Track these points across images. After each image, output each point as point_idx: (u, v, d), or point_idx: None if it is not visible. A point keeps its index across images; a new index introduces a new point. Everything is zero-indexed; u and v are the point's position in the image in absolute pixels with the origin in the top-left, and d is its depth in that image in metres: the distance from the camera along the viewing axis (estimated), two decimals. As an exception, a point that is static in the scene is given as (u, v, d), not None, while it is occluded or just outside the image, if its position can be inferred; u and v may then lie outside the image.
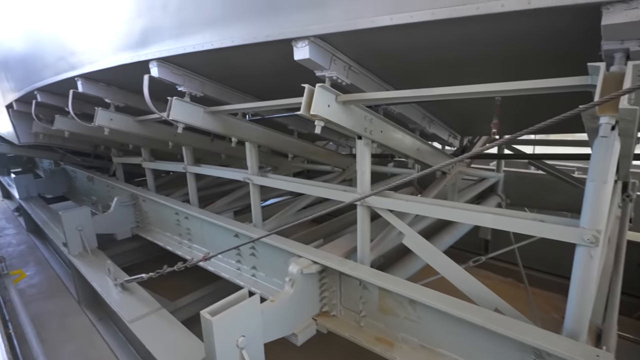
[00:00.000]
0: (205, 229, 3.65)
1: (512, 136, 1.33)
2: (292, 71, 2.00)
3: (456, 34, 1.59)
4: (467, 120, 3.18)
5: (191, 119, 2.68)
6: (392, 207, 2.21)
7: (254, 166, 3.16)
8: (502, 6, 1.31)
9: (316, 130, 1.94)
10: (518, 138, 3.53)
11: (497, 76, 2.03)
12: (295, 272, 2.32)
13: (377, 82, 2.24)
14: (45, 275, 5.47)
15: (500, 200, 4.33)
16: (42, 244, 6.66)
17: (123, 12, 2.51)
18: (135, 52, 2.53)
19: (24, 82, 4.47)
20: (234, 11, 1.95)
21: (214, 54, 2.15)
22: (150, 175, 4.91)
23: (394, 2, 1.50)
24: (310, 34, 1.72)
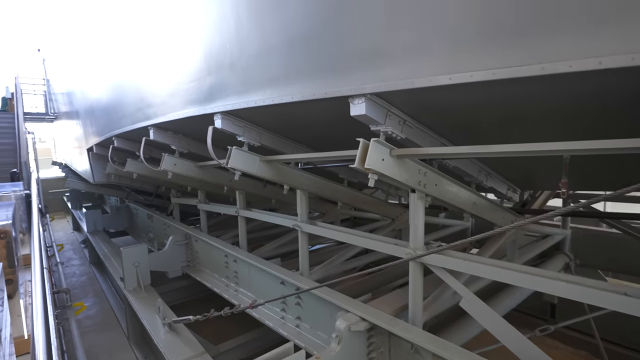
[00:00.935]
0: (253, 274, 3.67)
1: (588, 201, 1.22)
2: (346, 123, 2.05)
3: (518, 91, 1.56)
4: (528, 174, 3.01)
5: (248, 167, 2.81)
6: (449, 265, 2.09)
7: (304, 213, 3.19)
8: (570, 67, 1.26)
9: (370, 184, 1.93)
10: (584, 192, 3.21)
11: (561, 132, 1.93)
12: (343, 328, 2.22)
13: (432, 135, 2.22)
14: (101, 308, 5.75)
15: (569, 260, 3.92)
16: (101, 276, 7.10)
17: (194, 71, 2.79)
18: (202, 106, 2.77)
19: (105, 129, 5.04)
20: (295, 71, 2.09)
21: (274, 108, 2.29)
22: (204, 217, 5.15)
23: (453, 62, 1.51)
24: (367, 92, 1.78)
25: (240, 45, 2.32)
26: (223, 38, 2.43)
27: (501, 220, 2.99)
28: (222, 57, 2.47)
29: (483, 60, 1.45)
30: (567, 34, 1.26)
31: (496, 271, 1.92)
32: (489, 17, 1.40)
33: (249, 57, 2.30)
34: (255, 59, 2.27)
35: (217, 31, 2.49)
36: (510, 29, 1.36)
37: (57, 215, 13.39)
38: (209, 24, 2.55)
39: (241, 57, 2.34)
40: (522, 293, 3.18)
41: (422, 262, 2.20)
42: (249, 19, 2.23)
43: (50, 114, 12.29)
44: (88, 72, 5.71)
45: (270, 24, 2.12)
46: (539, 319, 4.76)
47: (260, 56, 2.24)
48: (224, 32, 2.41)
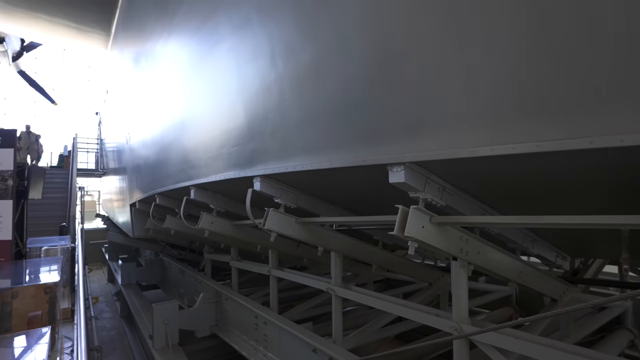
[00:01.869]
0: (283, 338, 3.53)
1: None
2: (383, 188, 2.06)
3: (566, 163, 1.52)
4: (579, 241, 2.83)
5: (284, 229, 2.84)
6: (499, 344, 1.92)
7: (338, 277, 3.12)
8: (622, 141, 1.24)
9: (410, 252, 1.89)
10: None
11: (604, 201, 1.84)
12: (382, 409, 2.04)
13: (473, 202, 2.17)
14: (127, 367, 5.65)
15: (633, 337, 3.50)
16: (130, 331, 7.06)
17: (238, 137, 2.97)
18: (243, 170, 2.90)
19: (149, 186, 5.34)
20: (334, 140, 2.17)
21: (312, 173, 2.35)
22: (236, 274, 5.13)
23: (494, 134, 1.52)
24: (406, 160, 1.80)
25: (282, 115, 2.47)
26: (266, 108, 2.60)
27: (551, 290, 2.77)
28: (264, 125, 2.63)
29: (526, 133, 1.45)
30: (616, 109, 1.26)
31: (550, 352, 1.74)
32: (532, 90, 1.42)
33: (289, 126, 2.44)
34: (295, 128, 2.40)
35: (260, 101, 2.68)
36: (555, 103, 1.37)
37: (94, 266, 13.81)
38: (253, 94, 2.76)
39: (282, 126, 2.48)
40: (582, 376, 2.83)
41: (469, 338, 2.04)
42: (291, 91, 2.39)
43: (100, 169, 13.25)
44: (138, 132, 6.21)
45: (311, 97, 2.26)
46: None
47: (300, 125, 2.37)
48: (267, 102, 2.59)
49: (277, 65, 2.46)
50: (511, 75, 1.47)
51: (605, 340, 3.43)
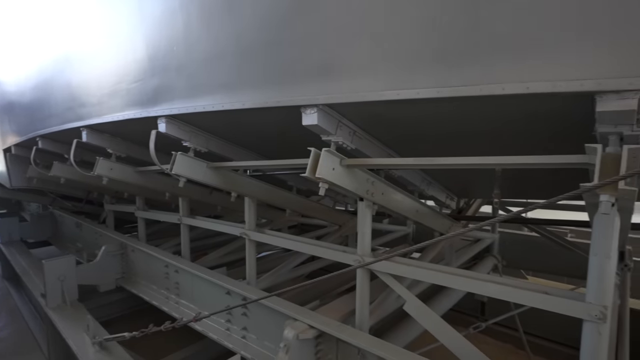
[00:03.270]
0: (196, 284, 3.51)
1: (521, 210, 1.36)
2: (297, 132, 2.07)
3: (459, 109, 1.69)
4: (465, 184, 3.26)
5: (194, 174, 2.70)
6: (394, 271, 2.18)
7: (252, 221, 3.14)
8: (503, 89, 1.41)
9: (320, 192, 1.96)
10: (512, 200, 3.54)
11: (497, 148, 2.13)
12: (291, 337, 2.21)
13: (380, 147, 2.32)
14: (16, 329, 5.11)
15: (497, 262, 4.30)
16: (17, 292, 6.31)
17: (137, 72, 2.63)
18: (145, 109, 2.61)
19: (27, 128, 4.52)
20: (247, 78, 2.06)
21: (223, 114, 2.23)
22: (142, 225, 4.82)
23: (402, 79, 1.61)
24: (319, 102, 1.81)
25: (189, 49, 2.24)
26: (171, 39, 2.32)
27: (440, 226, 3.19)
28: (169, 59, 2.37)
29: (429, 79, 1.56)
30: (503, 60, 1.41)
31: (435, 275, 2.05)
32: (435, 40, 1.51)
33: (198, 61, 2.23)
34: (205, 63, 2.21)
35: (164, 31, 2.37)
36: (455, 52, 1.48)
37: (-39, 224, 11.63)
38: (155, 22, 2.43)
39: (190, 61, 2.26)
40: (458, 294, 3.42)
41: (369, 268, 2.27)
42: (200, 22, 2.16)
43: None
44: (7, 64, 5.09)
45: (222, 30, 2.08)
46: (471, 316, 5.13)
47: (210, 61, 2.18)
48: (172, 33, 2.31)
49: (182, -12, 2.17)
50: (418, 25, 1.53)
51: (477, 265, 4.17)
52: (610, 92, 1.25)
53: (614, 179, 1.20)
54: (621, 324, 2.50)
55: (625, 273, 2.86)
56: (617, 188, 1.27)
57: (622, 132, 1.34)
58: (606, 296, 1.49)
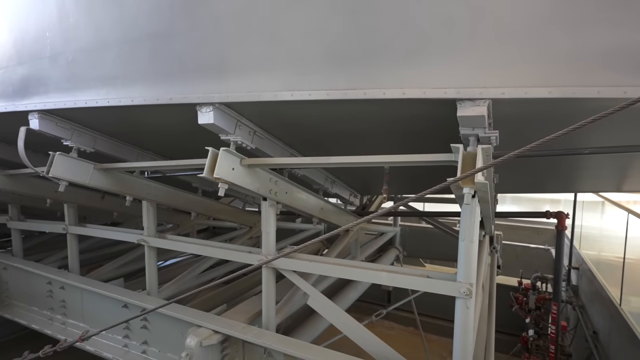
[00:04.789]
0: (86, 301, 3.14)
1: (402, 202, 1.51)
2: (196, 132, 1.99)
3: (350, 111, 1.80)
4: (366, 182, 3.48)
5: (78, 177, 2.41)
6: (297, 268, 2.23)
7: (151, 227, 2.92)
8: (384, 94, 1.55)
9: (219, 193, 1.92)
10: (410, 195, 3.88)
11: (389, 146, 2.32)
12: (194, 345, 2.12)
13: (282, 146, 2.35)
14: None
15: (398, 252, 4.70)
16: None
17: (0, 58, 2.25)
18: (12, 102, 2.25)
19: None
20: (136, 71, 1.91)
21: (110, 110, 2.04)
22: (18, 237, 4.13)
23: (296, 81, 1.66)
24: (215, 100, 1.77)
25: (65, 36, 1.99)
26: (41, 24, 2.04)
27: (345, 223, 3.36)
28: (41, 46, 2.07)
29: (321, 82, 1.63)
30: (384, 68, 1.54)
31: (336, 269, 2.15)
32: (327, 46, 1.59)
33: (77, 50, 1.99)
34: (86, 53, 1.99)
35: (32, 14, 2.07)
36: (343, 58, 1.58)
37: None
38: (20, 2, 2.11)
39: (67, 49, 2.01)
40: (364, 285, 3.65)
41: (273, 267, 2.29)
42: (77, 6, 1.94)
43: None
44: None
45: (105, 17, 1.89)
46: (379, 305, 5.52)
47: (92, 51, 1.97)
48: (42, 16, 2.03)
49: (54, -34, 1.92)
50: (309, 29, 1.60)
51: (381, 257, 4.49)
52: (467, 100, 1.46)
53: (470, 173, 1.40)
54: (491, 298, 2.94)
55: (494, 255, 3.37)
56: (474, 181, 1.49)
57: (478, 134, 1.57)
58: (471, 275, 1.74)
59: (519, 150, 1.27)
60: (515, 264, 6.41)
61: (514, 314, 5.32)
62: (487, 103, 1.45)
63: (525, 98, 1.41)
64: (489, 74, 1.44)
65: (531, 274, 5.61)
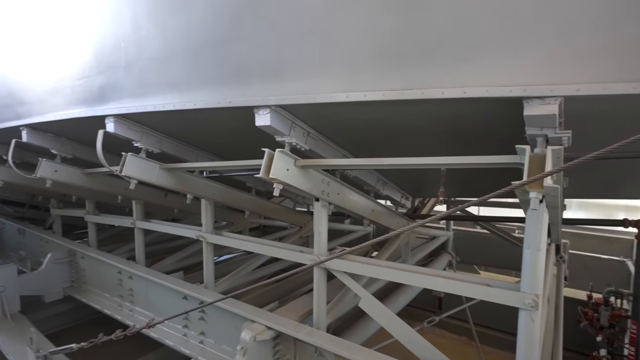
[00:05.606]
0: (151, 290, 3.39)
1: (463, 205, 1.45)
2: (252, 133, 2.06)
3: (405, 111, 1.77)
4: (418, 183, 3.39)
5: (146, 176, 2.61)
6: (349, 269, 2.22)
7: (209, 224, 3.08)
8: (443, 93, 1.49)
9: (275, 193, 1.97)
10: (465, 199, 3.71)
11: (444, 148, 2.24)
12: (248, 339, 2.20)
13: (334, 147, 2.36)
14: (-52, 347, 4.65)
15: (451, 258, 4.50)
16: (-51, 307, 5.75)
17: (82, 68, 2.50)
18: (91, 107, 2.49)
19: (-42, 127, 4.14)
20: (199, 77, 2.03)
21: (175, 114, 2.18)
22: (93, 230, 4.57)
23: (350, 82, 1.66)
24: (272, 103, 1.82)
25: (138, 46, 2.16)
26: (117, 36, 2.23)
27: (396, 225, 3.30)
28: (116, 56, 2.27)
29: (377, 83, 1.61)
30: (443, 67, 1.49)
31: (389, 272, 2.11)
32: (382, 45, 1.57)
33: (148, 59, 2.16)
34: (155, 62, 2.15)
35: (110, 27, 2.28)
36: (400, 57, 1.55)
37: None
38: (100, 18, 2.32)
39: (139, 59, 2.18)
40: (414, 290, 3.55)
41: (325, 267, 2.30)
42: (148, 18, 2.09)
43: None
44: None
45: (173, 28, 2.03)
46: (429, 311, 5.34)
47: (160, 59, 2.12)
48: (118, 29, 2.22)
49: (129, -17, 2.10)
50: (367, 31, 1.58)
51: (433, 262, 4.34)
52: (535, 98, 1.36)
53: (539, 177, 1.31)
54: (557, 311, 2.71)
55: (560, 265, 3.11)
56: (543, 185, 1.38)
57: (547, 134, 1.46)
58: (538, 285, 1.62)
59: (599, 152, 1.15)
60: (583, 275, 5.85)
61: (582, 331, 4.86)
62: (559, 101, 1.34)
63: (603, 95, 1.29)
64: (561, 69, 1.34)
65: (602, 287, 5.08)
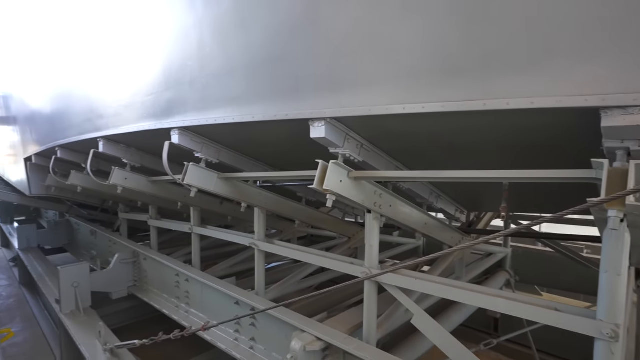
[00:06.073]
0: (205, 294, 3.54)
1: (534, 222, 1.35)
2: (305, 144, 2.10)
3: (464, 123, 1.70)
4: (474, 197, 3.23)
5: (205, 184, 2.76)
6: (402, 284, 2.17)
7: (261, 232, 3.17)
8: (508, 104, 1.42)
9: (328, 204, 1.99)
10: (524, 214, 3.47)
11: (503, 160, 2.12)
12: (298, 348, 2.21)
13: (387, 159, 2.33)
14: (31, 334, 5.21)
15: (509, 276, 4.22)
16: (33, 298, 6.45)
17: (152, 85, 2.73)
18: (159, 121, 2.69)
19: (47, 138, 4.69)
20: (257, 91, 2.12)
21: (234, 126, 2.29)
22: (155, 233, 4.90)
23: (407, 93, 1.63)
24: (327, 115, 1.85)
25: (202, 64, 2.32)
26: (184, 54, 2.41)
27: (449, 240, 3.16)
28: (183, 73, 2.45)
29: (435, 94, 1.58)
30: (507, 76, 1.42)
31: (444, 289, 2.02)
32: (441, 55, 1.53)
33: (210, 75, 2.30)
34: (217, 78, 2.28)
35: (177, 47, 2.46)
36: (459, 67, 1.50)
37: (-18, 230, 12.03)
38: (169, 39, 2.53)
39: (202, 75, 2.33)
40: (469, 309, 3.36)
41: (376, 281, 2.26)
42: (212, 37, 2.24)
43: (-18, 118, 11.19)
44: (31, 77, 5.32)
45: (234, 45, 2.15)
46: (484, 333, 5.01)
47: (222, 75, 2.25)
48: (186, 48, 2.40)
49: (197, 6, 2.26)
50: (422, 41, 1.56)
51: (488, 280, 4.09)
52: (615, 108, 1.25)
53: (620, 194, 1.19)
54: (638, 344, 2.42)
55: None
56: (625, 203, 1.25)
57: (629, 147, 1.33)
58: (618, 314, 1.46)
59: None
60: (667, 303, 5.18)
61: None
62: (645, 111, 1.22)
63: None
64: (646, 76, 1.21)
65: (692, 319, 4.46)
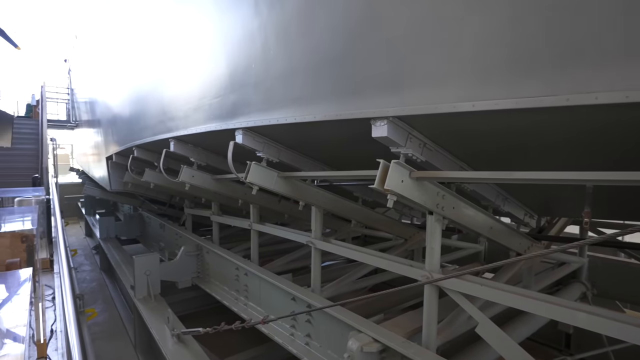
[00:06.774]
0: (263, 288, 3.67)
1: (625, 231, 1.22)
2: (362, 144, 2.09)
3: (540, 121, 1.58)
4: (546, 200, 2.99)
5: (266, 183, 2.86)
6: (466, 290, 2.07)
7: (318, 230, 3.21)
8: (596, 99, 1.28)
9: (388, 204, 1.95)
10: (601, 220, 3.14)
11: (582, 162, 1.93)
12: (355, 349, 2.21)
13: (451, 159, 2.24)
14: (109, 315, 5.79)
15: (585, 289, 3.83)
16: (111, 283, 7.16)
17: (219, 88, 2.89)
18: (225, 122, 2.84)
19: (126, 139, 5.18)
20: (317, 91, 2.15)
21: (295, 126, 2.34)
22: (217, 228, 5.19)
23: (475, 90, 1.55)
24: (389, 114, 1.81)
25: (266, 66, 2.40)
26: (249, 58, 2.52)
27: (517, 246, 2.95)
28: (247, 76, 2.56)
29: (506, 89, 1.48)
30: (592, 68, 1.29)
31: (514, 298, 1.90)
32: (513, 49, 1.43)
33: (273, 77, 2.38)
34: (280, 80, 2.35)
35: (243, 51, 2.58)
36: (539, 60, 1.39)
37: (71, 221, 13.63)
38: (235, 44, 2.65)
39: (266, 77, 2.42)
40: (538, 321, 3.11)
41: (438, 285, 2.18)
42: (276, 40, 2.31)
43: (72, 121, 12.68)
44: (112, 84, 5.91)
45: (296, 47, 2.20)
46: (553, 348, 4.61)
47: (284, 77, 2.31)
48: (250, 52, 2.50)
49: (261, 11, 2.35)
50: (493, 35, 1.47)
51: (560, 291, 3.75)
52: None
53: None
54: None
55: None
56: None
57: None
58: None
59: None
60: None
61: None
62: None
63: None
64: None
65: None
